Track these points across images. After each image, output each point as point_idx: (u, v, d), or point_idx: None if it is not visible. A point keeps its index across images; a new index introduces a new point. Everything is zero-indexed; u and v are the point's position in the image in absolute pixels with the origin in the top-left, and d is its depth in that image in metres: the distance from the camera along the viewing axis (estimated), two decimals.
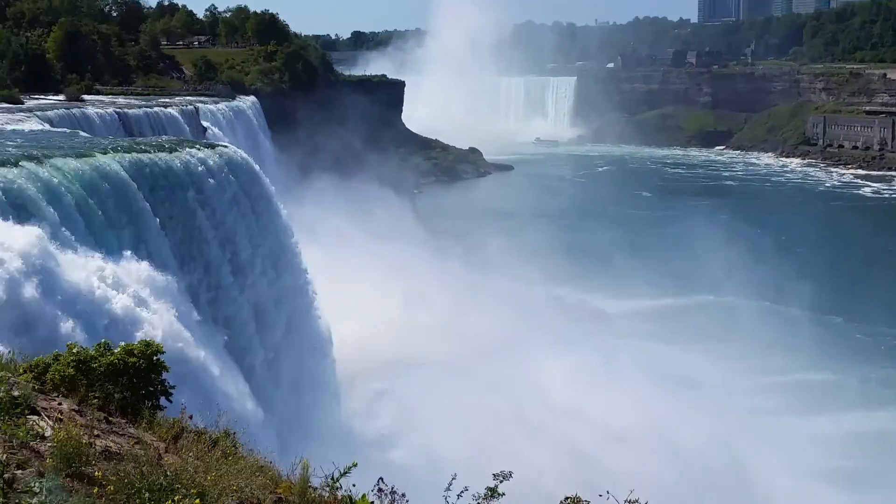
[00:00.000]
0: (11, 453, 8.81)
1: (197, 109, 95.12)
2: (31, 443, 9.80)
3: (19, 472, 8.63)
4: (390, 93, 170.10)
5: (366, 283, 71.82)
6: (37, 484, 7.95)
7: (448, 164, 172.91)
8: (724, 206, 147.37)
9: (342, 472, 10.78)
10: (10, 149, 40.20)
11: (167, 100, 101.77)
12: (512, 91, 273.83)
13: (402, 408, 56.32)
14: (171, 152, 43.99)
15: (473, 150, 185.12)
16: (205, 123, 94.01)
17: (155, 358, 14.56)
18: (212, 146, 50.26)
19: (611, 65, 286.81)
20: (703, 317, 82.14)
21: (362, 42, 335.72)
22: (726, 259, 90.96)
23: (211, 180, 44.12)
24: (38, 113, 69.91)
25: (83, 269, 31.34)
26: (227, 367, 40.12)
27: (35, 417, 10.88)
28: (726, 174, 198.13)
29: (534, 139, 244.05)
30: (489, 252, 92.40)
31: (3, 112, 70.67)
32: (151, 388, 14.48)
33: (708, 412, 58.35)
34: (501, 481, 10.41)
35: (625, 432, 52.16)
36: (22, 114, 69.21)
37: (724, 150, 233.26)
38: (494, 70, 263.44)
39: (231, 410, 22.51)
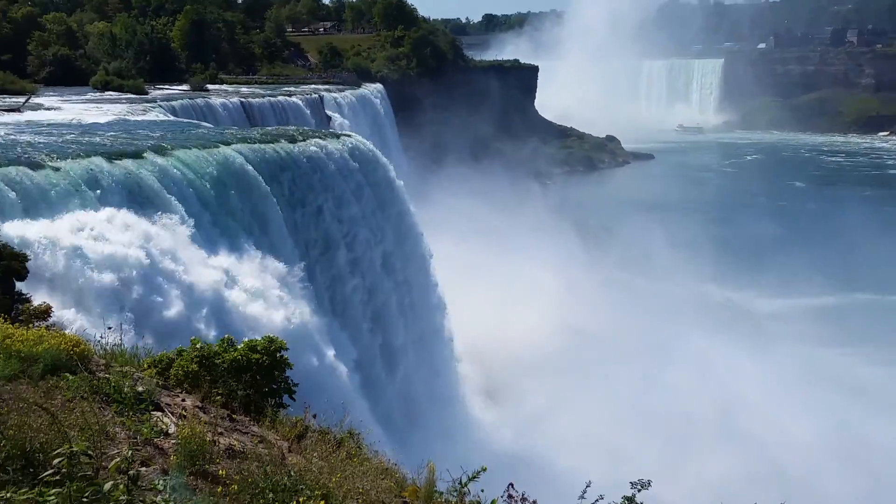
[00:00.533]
0: (136, 450, 9.14)
1: (321, 98, 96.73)
2: (156, 439, 10.13)
3: (143, 469, 8.93)
4: (523, 78, 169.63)
5: (494, 279, 71.78)
6: (161, 482, 8.22)
7: (584, 152, 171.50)
8: (889, 197, 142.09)
9: (470, 476, 10.80)
10: (135, 140, 41.71)
11: (291, 88, 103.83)
12: (654, 75, 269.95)
13: (535, 412, 56.19)
14: (294, 142, 44.91)
15: (611, 138, 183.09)
16: (329, 112, 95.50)
17: (278, 355, 14.90)
18: (336, 136, 51.08)
19: (762, 45, 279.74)
20: (865, 318, 79.09)
21: (494, 25, 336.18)
22: (891, 255, 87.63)
23: (335, 171, 44.88)
24: (163, 103, 72.25)
25: (207, 262, 32.28)
26: (350, 365, 40.73)
27: (159, 413, 11.25)
28: (891, 162, 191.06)
29: (676, 126, 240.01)
30: (627, 246, 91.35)
31: (127, 102, 73.38)
32: (274, 386, 14.83)
33: (887, 421, 56.25)
34: (639, 490, 10.26)
35: (801, 439, 51.03)
36: (146, 104, 71.68)
37: (889, 137, 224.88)
38: (635, 53, 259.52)
39: (354, 410, 22.86)
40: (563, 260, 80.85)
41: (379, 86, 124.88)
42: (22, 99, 70.53)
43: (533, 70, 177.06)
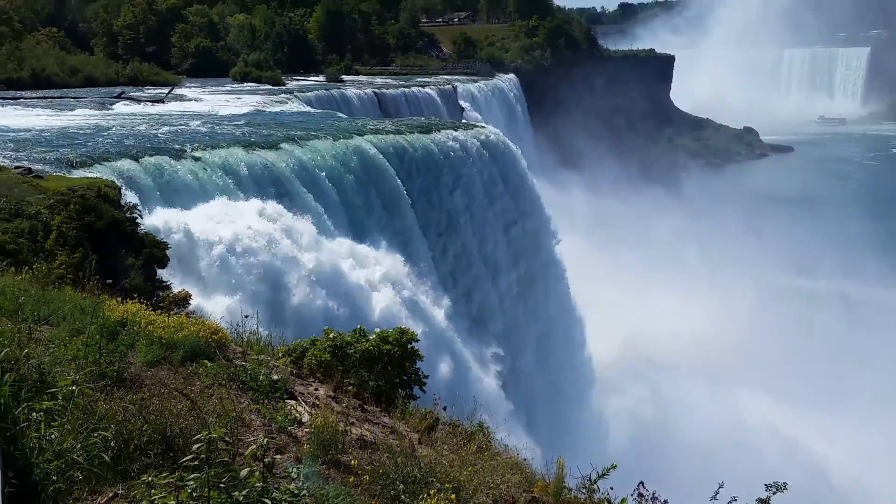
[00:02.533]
0: (271, 437, 9.33)
1: (454, 89, 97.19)
2: (289, 427, 10.32)
3: (278, 456, 9.12)
4: (658, 68, 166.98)
5: (628, 276, 71.02)
6: (294, 470, 8.38)
7: (720, 145, 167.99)
8: None
9: (600, 473, 10.71)
10: (271, 130, 42.64)
11: (425, 79, 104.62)
12: (794, 64, 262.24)
13: (666, 412, 55.49)
14: (427, 133, 45.24)
15: (748, 130, 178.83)
16: (462, 103, 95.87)
17: (409, 346, 15.03)
18: (469, 127, 51.23)
19: None
20: None
21: (629, 14, 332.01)
22: None
23: (468, 163, 45.04)
24: (299, 94, 73.67)
25: (339, 253, 32.82)
26: (479, 359, 40.89)
27: (293, 402, 11.46)
28: None
29: (817, 117, 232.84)
30: (764, 243, 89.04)
31: (265, 94, 75.05)
32: (405, 378, 14.96)
33: None
34: (774, 493, 10.00)
35: None
36: (284, 95, 73.17)
37: None
38: (779, 41, 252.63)
39: (484, 404, 22.96)
40: (710, 260, 79.25)
41: (513, 76, 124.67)
42: (165, 90, 72.81)
43: (669, 60, 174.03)
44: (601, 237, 76.11)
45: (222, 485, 6.54)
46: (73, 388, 7.91)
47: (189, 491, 6.46)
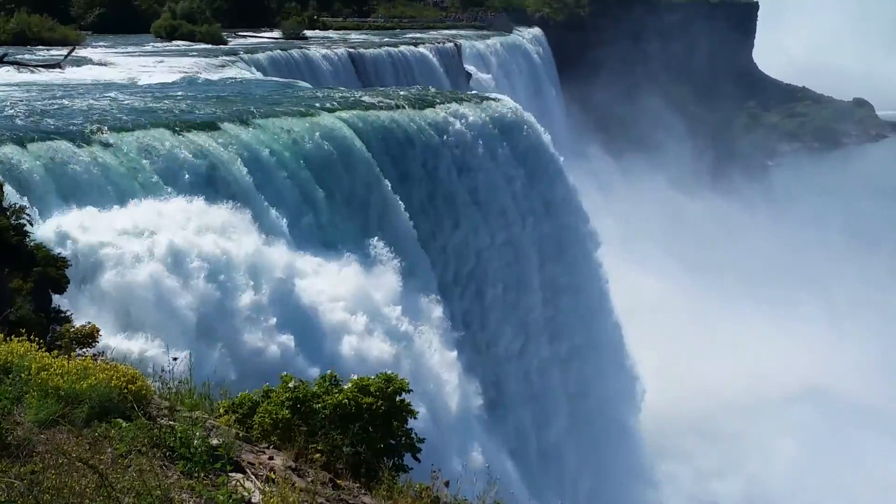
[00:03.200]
0: None
1: (458, 48, 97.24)
2: None
3: None
4: (736, 18, 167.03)
5: (695, 305, 71.05)
6: None
7: (822, 123, 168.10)
8: None
9: None
10: (207, 106, 42.65)
11: (417, 35, 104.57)
12: None
13: (744, 467, 56.17)
14: (421, 108, 45.21)
15: (861, 103, 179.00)
16: (469, 67, 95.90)
17: (398, 399, 15.01)
18: (478, 99, 51.24)
19: None
20: None
21: None
22: None
23: (477, 148, 44.96)
24: (246, 56, 73.67)
25: (299, 270, 32.74)
26: (494, 415, 40.86)
27: (239, 476, 11.45)
28: None
29: None
30: (884, 252, 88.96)
31: (200, 55, 75.05)
32: (393, 441, 14.94)
33: None
34: None
35: None
36: (225, 57, 73.17)
37: None
38: None
39: (499, 476, 22.93)
40: (768, 266, 79.21)
41: (537, 31, 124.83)
42: (63, 51, 72.82)
43: (751, 7, 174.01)
44: (657, 254, 76.00)
45: None
46: None
47: None
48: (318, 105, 43.06)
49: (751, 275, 78.53)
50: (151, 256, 27.92)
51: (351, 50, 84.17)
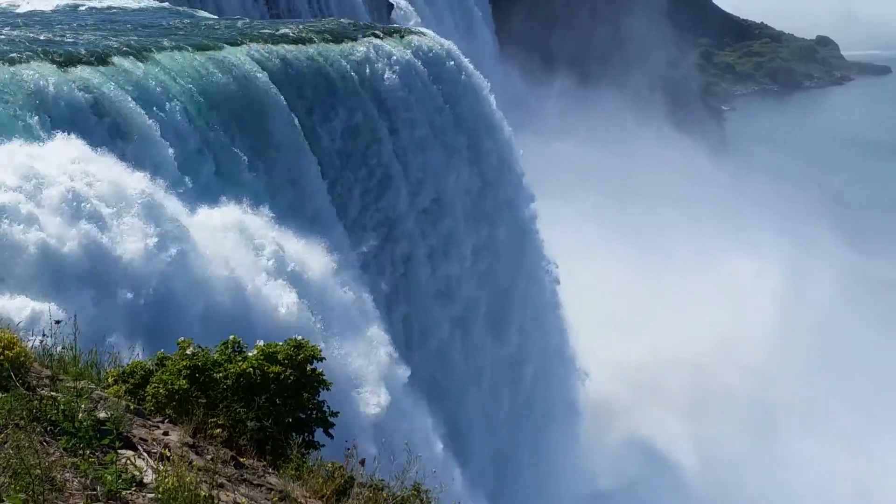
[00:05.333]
0: None
1: None
2: (125, 492, 10.21)
3: None
4: None
5: (640, 266, 71.43)
6: None
7: (780, 63, 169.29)
8: None
9: None
10: (97, 37, 42.15)
11: None
12: None
13: (691, 462, 56.52)
14: (338, 43, 44.99)
15: (823, 42, 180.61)
16: None
17: (310, 367, 14.94)
18: (401, 33, 51.02)
19: None
20: None
21: None
22: None
23: (400, 90, 44.82)
24: None
25: (200, 224, 32.46)
26: (419, 387, 40.89)
27: (130, 453, 11.35)
28: None
29: None
30: (847, 212, 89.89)
31: None
32: (303, 415, 14.88)
33: None
34: None
35: None
36: None
37: None
38: None
39: (423, 454, 22.95)
40: (719, 230, 79.70)
41: None
42: None
43: None
44: (597, 211, 76.27)
45: None
46: None
47: None
48: (220, 37, 42.71)
49: (696, 233, 78.79)
50: (32, 205, 27.55)
51: None
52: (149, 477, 10.70)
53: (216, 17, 58.93)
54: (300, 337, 15.47)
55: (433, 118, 46.37)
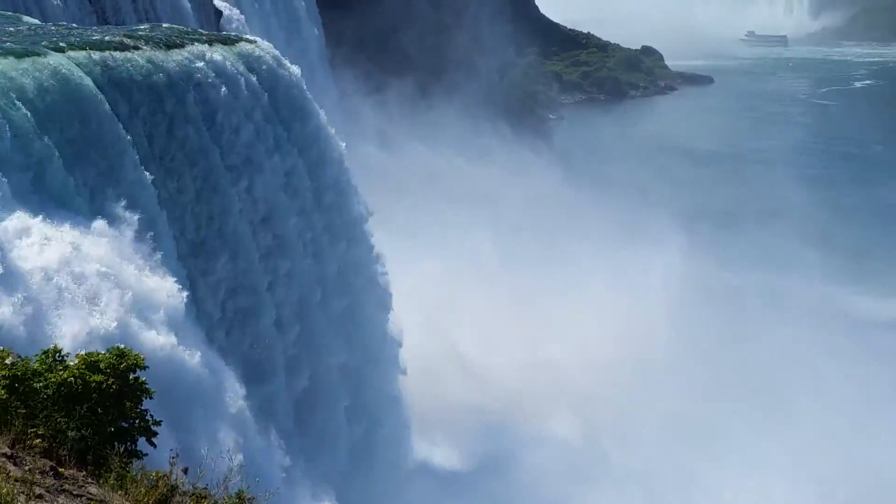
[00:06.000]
0: None
1: None
2: None
3: None
4: None
5: (472, 271, 71.67)
6: None
7: (607, 73, 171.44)
8: None
9: None
10: None
11: None
12: None
13: (505, 454, 57.13)
14: (167, 50, 44.52)
15: (649, 52, 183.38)
16: (220, 5, 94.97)
17: (132, 376, 14.82)
18: (230, 41, 50.65)
19: None
20: None
21: None
22: None
23: (228, 98, 44.47)
24: None
25: (21, 234, 31.92)
26: (246, 393, 40.65)
27: None
28: None
29: (745, 34, 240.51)
30: (667, 216, 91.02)
31: None
32: (125, 424, 14.74)
33: None
34: None
35: None
36: None
37: None
38: None
39: (248, 461, 22.96)
40: (547, 236, 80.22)
41: None
42: None
43: None
44: (424, 212, 76.27)
45: None
46: None
47: None
48: (44, 43, 42.08)
49: (518, 239, 79.16)
50: None
51: None
52: None
53: (41, 22, 58.09)
54: (123, 346, 15.34)
55: (262, 127, 46.12)
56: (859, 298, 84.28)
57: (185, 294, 36.40)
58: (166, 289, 36.25)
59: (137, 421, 14.79)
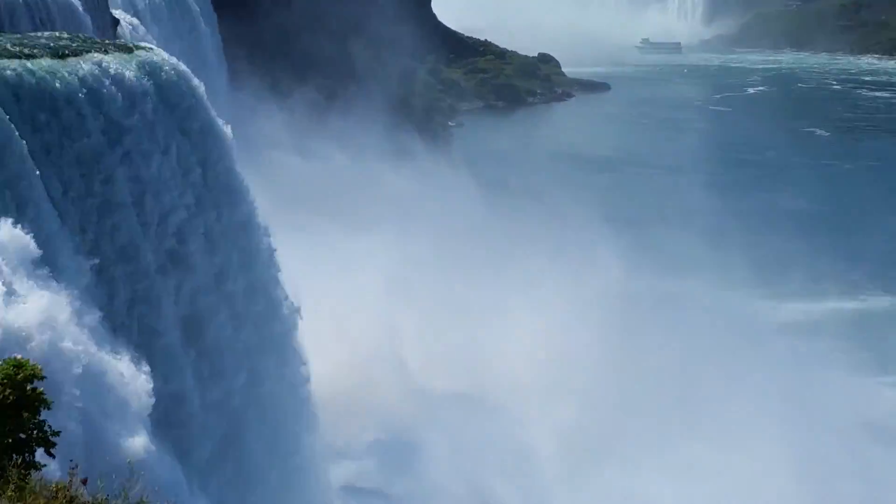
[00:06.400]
0: None
1: None
2: None
3: None
4: None
5: (368, 277, 71.52)
6: None
7: (505, 80, 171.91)
8: None
9: None
10: None
11: None
12: None
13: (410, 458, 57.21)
14: (62, 59, 44.04)
15: (546, 59, 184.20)
16: (117, 13, 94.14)
17: (30, 387, 14.60)
18: (128, 49, 50.17)
19: None
20: None
21: None
22: None
23: (127, 108, 43.99)
24: None
25: None
26: (146, 400, 40.25)
27: None
28: None
29: (640, 41, 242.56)
30: (566, 223, 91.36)
31: None
32: (23, 436, 14.52)
33: None
34: None
35: None
36: None
37: None
38: None
39: (149, 471, 22.82)
40: (447, 243, 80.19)
41: None
42: None
43: None
44: (323, 220, 76.04)
45: None
46: None
47: None
48: None
49: (404, 227, 78.97)
50: None
51: None
52: None
53: None
54: (20, 356, 15.15)
55: (161, 139, 45.69)
56: (757, 302, 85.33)
57: (79, 303, 36.05)
58: (61, 298, 35.88)
59: (35, 432, 14.60)
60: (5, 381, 14.16)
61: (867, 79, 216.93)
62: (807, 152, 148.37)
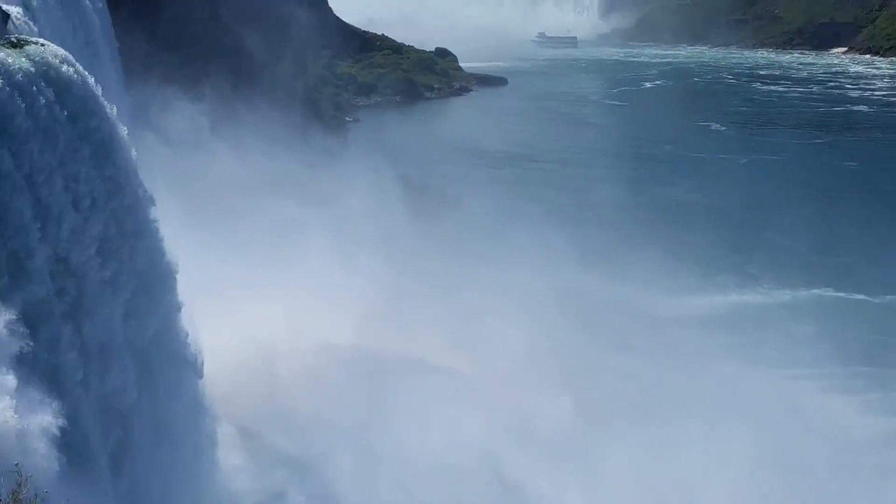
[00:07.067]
0: None
1: None
2: None
3: None
4: None
5: (269, 274, 70.98)
6: None
7: (402, 75, 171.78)
8: (850, 146, 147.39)
9: None
10: None
11: None
12: None
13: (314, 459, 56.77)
14: None
15: (443, 53, 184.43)
16: (8, 8, 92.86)
17: None
18: (18, 45, 49.46)
19: None
20: (816, 322, 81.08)
21: None
22: (854, 233, 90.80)
23: (18, 105, 43.36)
24: None
25: None
26: (34, 401, 39.64)
27: None
28: (854, 94, 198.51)
29: (536, 35, 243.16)
30: (463, 218, 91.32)
31: None
32: None
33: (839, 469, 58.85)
34: None
35: None
36: None
37: (848, 54, 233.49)
38: None
39: (39, 473, 22.52)
40: (344, 239, 79.82)
41: None
42: None
43: None
44: (222, 216, 75.29)
45: None
46: None
47: None
48: None
49: (303, 221, 78.40)
50: None
51: None
52: None
53: None
54: None
55: (57, 138, 44.99)
56: (656, 296, 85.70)
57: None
58: None
59: None
60: None
61: (762, 73, 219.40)
62: (703, 146, 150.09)
